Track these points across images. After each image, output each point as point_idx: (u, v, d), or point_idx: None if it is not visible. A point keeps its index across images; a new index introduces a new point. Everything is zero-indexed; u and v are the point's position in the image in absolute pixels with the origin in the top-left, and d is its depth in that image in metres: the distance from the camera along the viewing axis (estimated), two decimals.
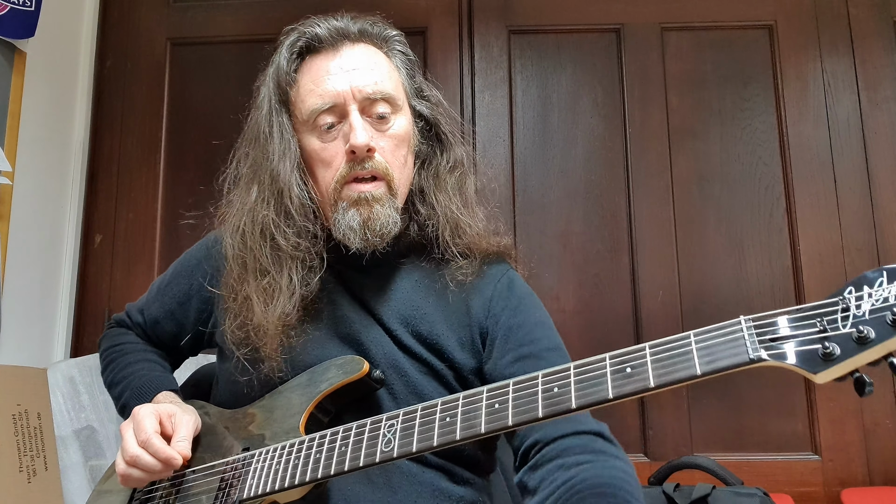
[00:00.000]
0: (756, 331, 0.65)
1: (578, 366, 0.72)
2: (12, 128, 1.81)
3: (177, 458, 0.93)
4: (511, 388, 0.75)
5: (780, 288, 1.98)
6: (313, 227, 0.99)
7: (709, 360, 0.66)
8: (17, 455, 1.51)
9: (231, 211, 1.05)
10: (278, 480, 0.86)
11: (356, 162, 0.96)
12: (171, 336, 1.16)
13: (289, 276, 0.97)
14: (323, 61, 1.00)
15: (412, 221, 1.05)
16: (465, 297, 1.02)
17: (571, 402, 0.70)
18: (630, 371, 0.69)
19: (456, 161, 1.08)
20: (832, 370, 0.61)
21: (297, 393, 0.95)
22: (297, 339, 0.98)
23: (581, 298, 2.01)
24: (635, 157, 2.07)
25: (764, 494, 1.49)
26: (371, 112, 0.99)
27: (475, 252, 1.03)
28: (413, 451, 0.77)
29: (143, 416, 0.95)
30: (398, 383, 0.98)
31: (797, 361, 0.63)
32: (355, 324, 1.00)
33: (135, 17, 2.23)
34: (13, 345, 1.81)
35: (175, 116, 2.18)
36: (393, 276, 1.04)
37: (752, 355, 0.64)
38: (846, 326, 0.61)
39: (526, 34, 2.16)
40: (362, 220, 0.96)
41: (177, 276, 1.15)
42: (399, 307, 1.01)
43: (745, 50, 2.11)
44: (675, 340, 0.69)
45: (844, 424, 1.90)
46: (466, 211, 1.05)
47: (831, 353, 0.61)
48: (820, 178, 2.03)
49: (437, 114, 1.08)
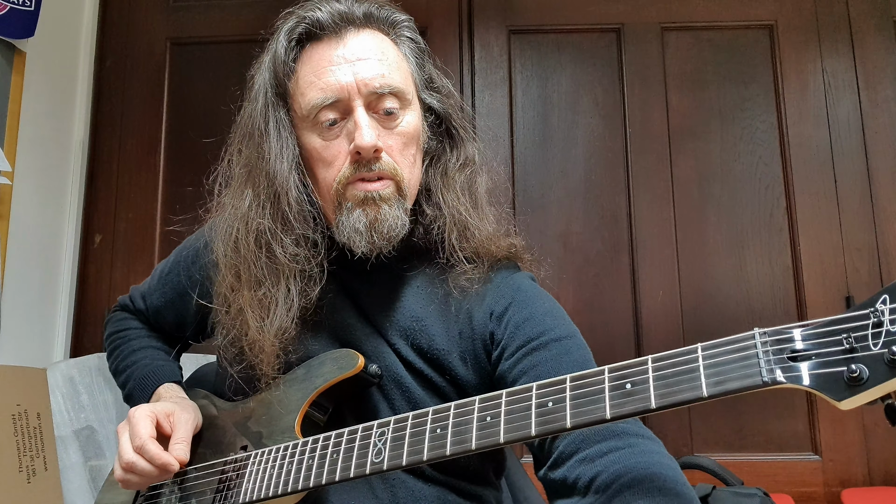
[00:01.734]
0: (771, 347, 0.58)
1: (575, 378, 0.67)
2: (12, 128, 1.81)
3: (173, 465, 0.90)
4: (504, 399, 0.70)
5: (780, 288, 1.98)
6: (313, 233, 0.91)
7: (717, 381, 0.59)
8: (17, 455, 1.51)
9: (223, 214, 0.97)
10: (272, 487, 0.85)
11: (361, 163, 0.88)
12: (174, 325, 1.14)
13: (286, 287, 0.89)
14: (325, 50, 0.91)
15: (418, 223, 0.96)
16: (468, 307, 0.94)
17: (566, 421, 0.65)
18: (630, 388, 0.63)
19: (467, 158, 0.99)
20: (859, 397, 0.53)
21: (293, 388, 0.94)
22: (294, 355, 0.93)
23: (581, 298, 2.01)
24: (635, 157, 2.07)
25: (764, 494, 1.49)
26: (378, 108, 0.90)
27: (483, 257, 0.95)
28: (403, 464, 0.73)
29: (139, 418, 0.92)
30: (399, 398, 0.92)
31: (818, 385, 0.55)
32: (357, 332, 0.95)
33: (135, 17, 2.23)
34: (13, 345, 1.81)
35: (175, 116, 2.18)
36: (395, 284, 0.97)
37: (766, 378, 0.57)
38: (878, 346, 0.53)
39: (526, 34, 2.16)
40: (369, 222, 0.88)
41: (176, 266, 1.12)
42: (400, 319, 0.94)
43: (745, 50, 2.11)
44: (681, 355, 0.63)
45: (844, 424, 1.90)
46: (475, 212, 0.97)
47: (859, 378, 0.53)
48: (820, 178, 2.03)
49: (449, 107, 1.00)
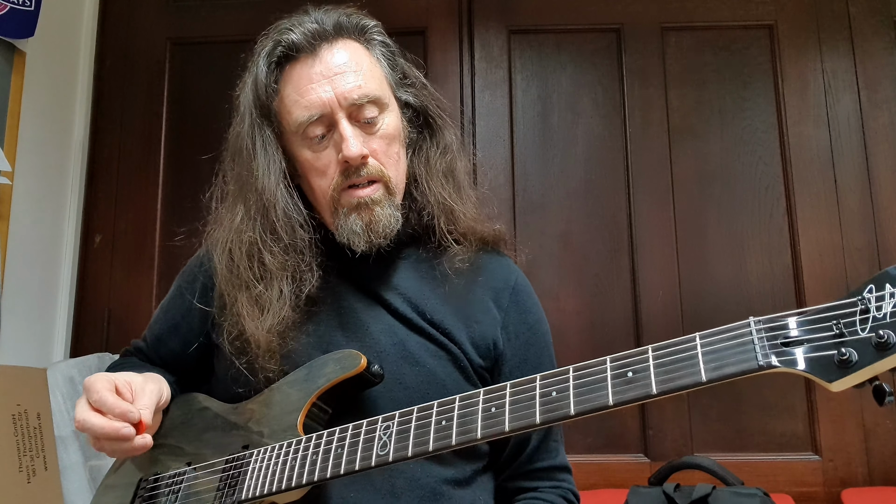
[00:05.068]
0: (766, 334, 0.62)
1: (578, 368, 0.71)
2: (12, 128, 1.81)
3: (132, 412, 0.89)
4: (508, 391, 0.74)
5: (780, 288, 1.98)
6: (302, 240, 0.98)
7: (715, 367, 0.63)
8: (17, 455, 1.51)
9: (219, 227, 1.05)
10: (275, 482, 0.85)
11: (351, 170, 0.96)
12: (176, 353, 1.13)
13: (279, 289, 0.96)
14: (304, 68, 0.98)
15: (410, 211, 1.04)
16: (472, 290, 1.02)
17: (570, 409, 0.68)
18: (631, 376, 0.66)
19: (446, 145, 1.06)
20: (849, 378, 0.57)
21: (295, 389, 0.94)
22: (295, 343, 0.97)
23: (581, 298, 2.01)
24: (635, 157, 2.07)
25: (764, 494, 1.49)
26: (359, 116, 0.97)
27: (470, 238, 1.03)
28: (409, 455, 0.76)
29: (94, 380, 0.91)
30: (410, 373, 0.96)
31: (810, 368, 0.59)
32: (360, 312, 1.00)
33: (135, 17, 2.23)
34: (13, 345, 1.81)
35: (175, 116, 2.18)
36: (393, 266, 1.03)
37: (761, 361, 0.60)
38: (865, 330, 0.57)
39: (526, 34, 2.16)
40: (365, 224, 0.96)
41: (178, 290, 1.14)
42: (405, 292, 1.01)
43: (745, 50, 2.11)
44: (680, 343, 0.66)
45: (844, 424, 1.90)
46: (459, 196, 1.04)
47: (848, 360, 0.57)
48: (820, 178, 2.03)
49: (424, 99, 1.07)
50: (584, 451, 1.92)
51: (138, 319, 2.05)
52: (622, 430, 1.94)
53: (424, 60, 2.14)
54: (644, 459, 1.92)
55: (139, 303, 2.07)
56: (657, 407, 1.94)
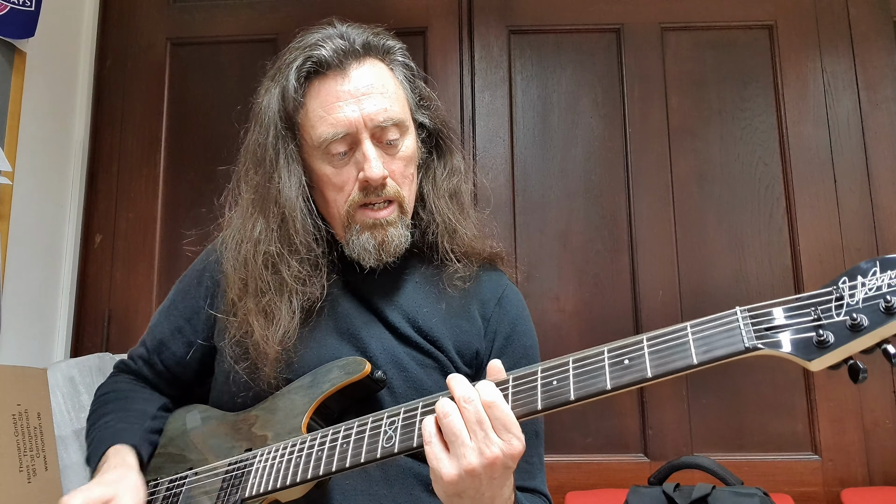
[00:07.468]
0: (752, 321, 0.67)
1: (577, 359, 0.74)
2: (12, 128, 1.81)
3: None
4: (511, 382, 0.77)
5: (780, 288, 1.98)
6: (317, 255, 1.00)
7: (705, 350, 0.67)
8: (17, 455, 1.51)
9: (233, 231, 1.06)
10: (280, 479, 0.86)
11: (370, 189, 0.98)
12: (178, 357, 1.12)
13: (289, 300, 0.98)
14: (332, 85, 0.99)
15: (416, 228, 1.07)
16: (464, 304, 1.05)
17: (570, 394, 0.72)
18: (628, 363, 0.71)
19: (454, 167, 1.09)
20: (826, 357, 0.63)
21: (299, 394, 0.96)
22: (295, 352, 0.99)
23: (581, 298, 2.01)
24: (635, 157, 2.07)
25: (764, 494, 1.49)
26: (382, 138, 0.99)
27: (471, 257, 1.06)
28: (414, 446, 0.79)
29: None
30: (398, 378, 0.99)
31: (792, 349, 0.64)
32: (355, 320, 1.02)
33: (135, 17, 2.23)
34: (13, 345, 1.81)
35: (175, 116, 2.18)
36: (396, 281, 1.06)
37: (747, 344, 0.66)
38: (840, 315, 0.63)
39: (526, 34, 2.16)
40: (377, 244, 0.99)
41: (182, 293, 1.14)
42: (403, 306, 1.04)
43: (745, 50, 2.11)
44: (673, 332, 0.71)
45: (844, 424, 1.90)
46: (462, 217, 1.07)
47: (825, 341, 0.62)
48: (820, 178, 2.03)
49: (438, 121, 1.09)
50: (584, 451, 1.92)
51: (138, 319, 2.06)
52: (622, 429, 1.94)
53: (424, 60, 2.14)
54: (644, 459, 1.92)
55: (139, 303, 2.08)
56: (657, 407, 1.94)
